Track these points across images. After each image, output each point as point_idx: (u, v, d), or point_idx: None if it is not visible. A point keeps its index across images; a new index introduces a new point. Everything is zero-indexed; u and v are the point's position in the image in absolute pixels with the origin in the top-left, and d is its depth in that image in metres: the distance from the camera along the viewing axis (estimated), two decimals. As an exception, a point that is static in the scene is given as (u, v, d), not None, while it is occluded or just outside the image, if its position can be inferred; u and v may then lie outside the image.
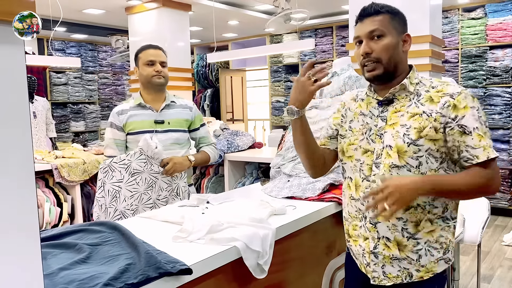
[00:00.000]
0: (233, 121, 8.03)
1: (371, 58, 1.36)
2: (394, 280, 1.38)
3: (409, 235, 1.35)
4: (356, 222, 1.45)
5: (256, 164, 3.86)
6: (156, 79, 2.24)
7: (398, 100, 1.39)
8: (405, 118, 1.35)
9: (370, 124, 1.42)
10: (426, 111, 1.32)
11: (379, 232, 1.38)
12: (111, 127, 2.24)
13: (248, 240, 1.41)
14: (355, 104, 1.52)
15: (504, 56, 5.14)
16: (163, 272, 1.14)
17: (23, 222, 0.84)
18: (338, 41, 6.51)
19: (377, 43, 1.36)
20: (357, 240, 1.46)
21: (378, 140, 1.38)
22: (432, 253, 1.36)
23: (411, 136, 1.32)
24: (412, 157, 1.31)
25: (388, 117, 1.38)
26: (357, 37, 1.40)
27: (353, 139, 1.46)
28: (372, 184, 1.38)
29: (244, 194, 2.27)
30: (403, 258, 1.36)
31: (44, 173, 3.74)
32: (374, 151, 1.39)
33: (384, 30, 1.36)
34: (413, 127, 1.32)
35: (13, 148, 0.82)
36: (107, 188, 2.11)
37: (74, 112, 7.19)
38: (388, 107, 1.40)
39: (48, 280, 1.07)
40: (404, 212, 1.33)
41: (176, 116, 2.30)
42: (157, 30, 5.13)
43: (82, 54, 7.24)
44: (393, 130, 1.36)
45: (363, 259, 1.44)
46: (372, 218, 1.37)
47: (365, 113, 1.46)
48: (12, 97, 0.82)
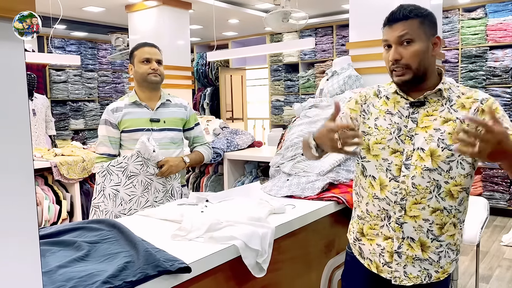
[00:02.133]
0: (233, 120, 8.03)
1: (400, 65, 1.36)
2: (414, 280, 1.40)
3: (433, 237, 1.38)
4: (377, 222, 1.45)
5: (256, 163, 3.86)
6: (152, 77, 2.23)
7: (430, 104, 1.39)
8: (438, 123, 1.36)
9: (399, 124, 1.41)
10: (460, 117, 1.34)
11: (404, 232, 1.39)
12: (105, 125, 2.23)
13: (247, 239, 1.41)
14: (379, 101, 1.49)
15: (504, 56, 5.14)
16: (162, 270, 1.14)
17: (22, 220, 0.84)
18: (338, 40, 6.51)
19: (406, 49, 1.35)
20: (373, 239, 1.47)
21: (408, 141, 1.38)
22: (449, 255, 1.41)
23: (446, 141, 1.34)
24: (444, 161, 1.34)
25: (419, 120, 1.38)
26: (386, 41, 1.39)
27: (380, 137, 1.43)
28: (401, 184, 1.38)
29: (243, 193, 2.27)
30: (425, 259, 1.39)
31: (43, 171, 3.74)
32: (403, 152, 1.39)
33: (413, 36, 1.34)
34: (448, 132, 1.34)
35: (12, 145, 0.82)
36: (107, 192, 2.09)
37: (73, 110, 7.19)
38: (419, 109, 1.39)
39: (46, 278, 1.07)
40: (431, 214, 1.36)
41: (171, 115, 2.29)
42: (157, 28, 5.12)
43: (82, 52, 7.23)
44: (425, 133, 1.36)
45: (379, 258, 1.45)
46: (398, 218, 1.39)
47: (393, 112, 1.44)
48: (11, 94, 0.82)
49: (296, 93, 7.02)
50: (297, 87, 7.00)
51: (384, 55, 1.41)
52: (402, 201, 1.38)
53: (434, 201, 1.36)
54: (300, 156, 2.30)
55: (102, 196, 2.09)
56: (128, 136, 2.21)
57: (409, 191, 1.37)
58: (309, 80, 6.83)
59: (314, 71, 6.76)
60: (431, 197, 1.35)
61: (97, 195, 2.12)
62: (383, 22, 1.42)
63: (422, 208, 1.36)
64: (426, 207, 1.36)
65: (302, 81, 6.90)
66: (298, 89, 6.98)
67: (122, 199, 2.09)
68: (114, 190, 2.08)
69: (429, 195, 1.35)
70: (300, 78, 6.92)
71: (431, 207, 1.36)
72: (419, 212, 1.37)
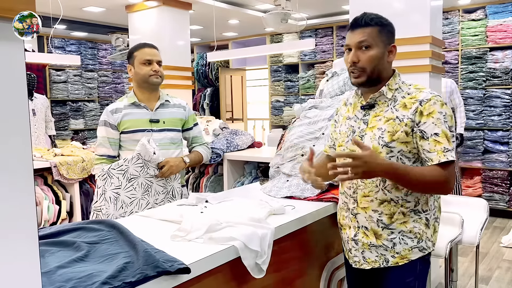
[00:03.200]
0: (233, 120, 8.03)
1: (356, 67, 1.51)
2: (372, 264, 1.56)
3: (383, 225, 1.52)
4: (343, 213, 1.65)
5: (255, 164, 3.86)
6: (153, 79, 2.23)
7: (378, 105, 1.54)
8: (381, 122, 1.51)
9: (354, 127, 1.58)
10: (399, 116, 1.48)
11: (358, 222, 1.57)
12: (105, 126, 2.22)
13: (246, 240, 1.40)
14: (345, 109, 1.68)
15: (504, 57, 5.14)
16: (161, 271, 1.14)
17: (21, 220, 0.84)
18: (338, 41, 6.51)
19: (364, 53, 1.50)
20: (344, 229, 1.65)
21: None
22: (406, 242, 1.51)
23: (384, 138, 1.48)
24: (385, 158, 1.47)
25: (369, 121, 1.54)
26: (347, 45, 1.54)
27: (341, 141, 1.63)
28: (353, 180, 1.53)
29: (243, 193, 2.27)
30: (379, 245, 1.53)
31: (43, 171, 3.73)
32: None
33: (371, 42, 1.49)
34: (387, 130, 1.48)
35: (12, 145, 0.82)
36: (108, 196, 2.09)
37: (73, 110, 7.18)
38: (370, 111, 1.56)
39: (45, 278, 1.06)
40: (379, 205, 1.51)
41: (171, 115, 2.29)
42: (157, 28, 5.12)
43: (82, 52, 7.23)
44: (371, 132, 1.52)
45: (347, 245, 1.64)
46: (353, 209, 1.57)
47: (351, 116, 1.62)
48: (11, 94, 0.82)
49: (296, 93, 7.02)
50: (297, 88, 7.00)
51: (345, 57, 1.56)
52: (354, 194, 1.56)
53: (381, 194, 1.50)
54: (300, 157, 2.30)
55: (103, 200, 2.10)
56: (128, 137, 2.21)
57: (359, 185, 1.55)
58: (309, 81, 6.83)
59: (314, 72, 6.76)
60: (377, 190, 1.51)
61: (98, 199, 2.12)
62: (347, 28, 1.58)
63: (370, 200, 1.52)
64: (374, 199, 1.51)
65: (302, 81, 6.90)
66: (298, 89, 6.98)
67: (123, 202, 2.09)
68: (115, 193, 2.08)
69: (375, 188, 1.51)
70: (300, 79, 6.92)
71: (379, 199, 1.51)
72: (368, 204, 1.53)
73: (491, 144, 5.24)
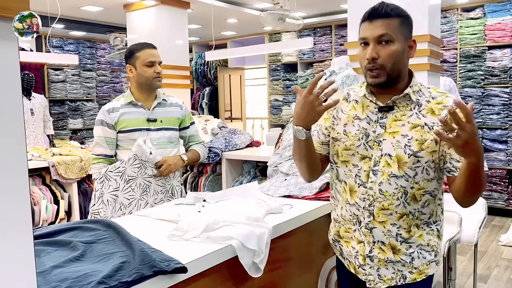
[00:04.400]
0: (231, 120, 8.02)
1: (376, 65, 1.32)
2: (388, 282, 1.40)
3: (402, 240, 1.38)
4: (350, 226, 1.45)
5: (254, 163, 3.86)
6: (156, 82, 2.23)
7: (399, 108, 1.37)
8: (406, 128, 1.34)
9: (368, 130, 1.39)
10: (428, 123, 1.32)
11: (374, 237, 1.39)
12: (102, 125, 2.21)
13: (244, 239, 1.40)
14: (348, 106, 1.47)
15: (503, 56, 5.14)
16: (157, 271, 1.13)
17: (16, 219, 0.84)
18: (337, 40, 6.50)
19: (384, 49, 1.31)
20: (349, 242, 1.47)
21: (376, 147, 1.37)
22: (424, 256, 1.39)
23: (412, 147, 1.32)
24: (411, 168, 1.33)
25: (388, 125, 1.37)
26: (364, 39, 1.34)
27: (349, 144, 1.42)
28: (369, 190, 1.37)
29: (241, 192, 2.27)
30: (397, 261, 1.38)
31: (41, 171, 3.73)
32: (372, 158, 1.38)
33: (393, 36, 1.31)
34: (415, 138, 1.32)
35: (6, 144, 0.82)
36: (106, 198, 2.09)
37: (71, 109, 7.17)
38: (387, 113, 1.38)
39: (41, 278, 1.06)
40: (399, 219, 1.36)
41: (168, 115, 2.29)
42: (155, 27, 5.11)
43: (80, 51, 7.22)
44: (393, 139, 1.35)
45: (355, 260, 1.45)
46: (368, 223, 1.39)
47: (361, 117, 1.42)
48: (5, 94, 0.81)
49: (294, 93, 7.00)
50: (295, 87, 7.00)
51: (360, 53, 1.36)
52: (370, 207, 1.38)
53: (401, 207, 1.35)
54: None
55: (101, 203, 2.10)
56: (125, 136, 2.20)
57: (376, 197, 1.36)
58: (307, 80, 6.82)
59: (312, 70, 6.76)
60: (398, 203, 1.35)
61: (96, 202, 2.12)
62: (363, 16, 1.35)
63: (389, 214, 1.36)
64: (394, 212, 1.36)
65: (300, 80, 6.89)
66: (297, 88, 6.97)
67: (122, 203, 2.09)
68: (113, 196, 2.09)
69: (396, 201, 1.35)
70: (298, 78, 6.92)
71: (398, 213, 1.36)
72: (386, 217, 1.36)
73: (489, 143, 5.24)
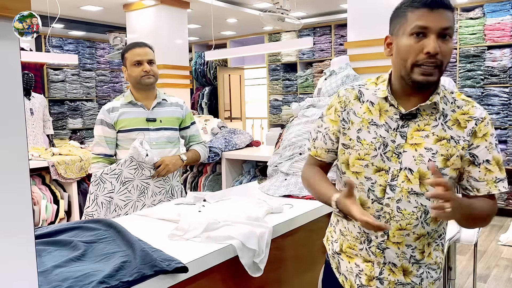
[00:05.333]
0: (231, 119, 8.02)
1: (437, 60, 1.12)
2: None
3: (414, 261, 1.28)
4: (355, 243, 1.32)
5: (254, 163, 3.86)
6: (145, 80, 2.21)
7: (422, 116, 1.20)
8: (430, 141, 1.19)
9: (386, 139, 1.21)
10: (455, 137, 1.19)
11: (386, 258, 1.27)
12: (101, 125, 2.21)
13: (244, 239, 1.40)
14: (361, 107, 1.27)
15: (502, 56, 5.15)
16: (158, 270, 1.14)
17: (18, 219, 0.84)
18: (336, 40, 6.50)
19: (445, 44, 1.12)
20: (352, 258, 1.34)
21: (395, 159, 1.21)
22: (431, 275, 1.31)
23: (437, 163, 1.18)
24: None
25: (409, 135, 1.20)
26: (424, 28, 1.11)
27: (363, 153, 1.24)
28: (385, 207, 1.22)
29: (241, 192, 2.27)
30: (407, 283, 1.29)
31: (41, 170, 3.73)
32: (389, 171, 1.21)
33: (452, 32, 1.14)
34: (440, 153, 1.18)
35: (8, 144, 0.82)
36: (100, 201, 2.09)
37: (71, 109, 7.17)
38: (409, 122, 1.20)
39: (42, 278, 1.06)
40: (415, 240, 1.24)
41: (167, 114, 2.28)
42: (155, 27, 5.11)
43: (80, 51, 7.22)
44: (415, 151, 1.19)
45: (355, 278, 1.33)
46: (380, 243, 1.26)
47: (378, 123, 1.23)
48: (6, 94, 0.81)
49: (294, 92, 7.02)
50: (295, 87, 7.00)
51: (411, 45, 1.13)
52: None
53: (419, 227, 1.22)
54: (298, 156, 2.30)
55: (95, 205, 2.10)
56: (125, 136, 2.20)
57: (393, 215, 1.22)
58: (307, 80, 6.82)
59: (312, 70, 6.76)
60: (417, 223, 1.21)
61: (90, 204, 2.12)
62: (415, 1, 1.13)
63: (406, 235, 1.23)
64: (411, 233, 1.23)
65: (300, 80, 6.89)
66: (296, 88, 6.97)
67: (117, 205, 2.09)
68: (107, 198, 2.09)
69: (415, 221, 1.21)
70: (298, 78, 6.92)
71: (416, 234, 1.23)
72: (402, 238, 1.23)
73: (489, 143, 5.24)
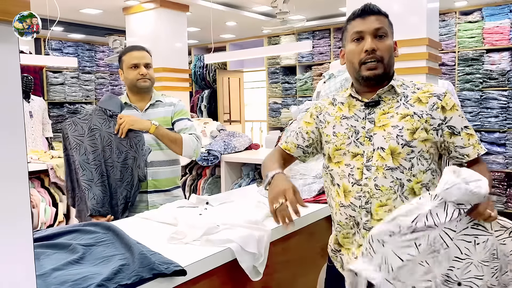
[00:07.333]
0: (230, 122, 8.02)
1: (376, 56, 1.33)
2: None
3: None
4: (347, 230, 1.39)
5: (253, 166, 3.86)
6: (141, 83, 2.20)
7: (385, 102, 1.38)
8: (395, 119, 1.34)
9: (356, 127, 1.38)
10: (417, 112, 1.33)
11: None
12: None
13: (243, 242, 1.40)
14: (334, 109, 1.47)
15: (501, 59, 5.16)
16: (157, 273, 1.13)
17: (16, 222, 0.84)
18: (335, 43, 6.52)
19: (381, 42, 1.34)
20: (349, 249, 1.41)
21: (368, 143, 1.35)
22: None
23: (404, 137, 1.31)
24: (405, 159, 1.31)
25: (377, 119, 1.36)
26: (360, 32, 1.35)
27: (339, 143, 1.40)
28: (364, 187, 1.33)
29: (241, 195, 2.27)
30: None
31: (39, 173, 3.72)
32: (364, 154, 1.35)
33: (387, 31, 1.36)
34: (406, 128, 1.32)
35: (7, 147, 0.82)
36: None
37: (70, 112, 7.16)
38: (374, 109, 1.38)
39: (40, 281, 1.06)
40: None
41: (160, 115, 2.25)
42: (154, 30, 5.12)
43: (79, 54, 7.22)
44: (383, 131, 1.34)
45: None
46: (365, 223, 1.33)
47: (348, 116, 1.41)
48: (5, 96, 0.81)
49: (293, 95, 7.03)
50: (294, 90, 7.01)
51: (354, 48, 1.36)
52: (367, 205, 1.33)
53: (399, 201, 1.30)
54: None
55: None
56: None
57: (373, 193, 1.32)
58: (306, 83, 6.84)
59: (311, 73, 6.77)
60: (395, 197, 1.31)
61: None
62: (351, 15, 1.40)
63: (388, 210, 1.30)
64: (392, 208, 1.30)
65: (299, 83, 6.90)
66: (296, 91, 6.98)
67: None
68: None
69: (393, 195, 1.30)
70: (297, 81, 6.93)
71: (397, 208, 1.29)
72: (385, 214, 1.29)
73: (488, 146, 5.25)
